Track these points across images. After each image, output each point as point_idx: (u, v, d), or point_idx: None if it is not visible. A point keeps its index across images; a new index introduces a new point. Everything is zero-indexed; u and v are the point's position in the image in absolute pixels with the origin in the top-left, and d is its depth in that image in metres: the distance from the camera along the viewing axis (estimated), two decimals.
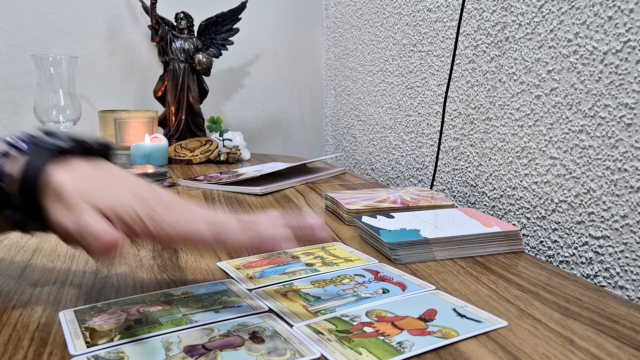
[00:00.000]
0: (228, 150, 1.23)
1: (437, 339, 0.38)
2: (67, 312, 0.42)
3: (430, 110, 1.02)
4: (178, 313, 0.41)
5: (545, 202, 0.72)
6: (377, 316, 0.42)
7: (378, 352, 0.36)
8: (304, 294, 0.46)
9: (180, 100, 1.32)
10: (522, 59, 0.75)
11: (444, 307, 0.43)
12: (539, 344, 0.38)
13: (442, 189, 0.98)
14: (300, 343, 0.37)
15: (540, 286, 0.49)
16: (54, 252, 0.57)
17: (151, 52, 1.45)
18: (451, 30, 0.93)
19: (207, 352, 0.35)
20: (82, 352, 0.36)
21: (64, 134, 0.41)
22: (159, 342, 0.37)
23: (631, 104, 0.59)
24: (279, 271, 0.52)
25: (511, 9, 0.77)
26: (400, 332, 0.39)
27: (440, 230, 0.59)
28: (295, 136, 1.65)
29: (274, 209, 0.79)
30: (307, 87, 1.64)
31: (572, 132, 0.67)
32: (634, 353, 0.36)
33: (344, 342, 0.37)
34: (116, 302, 0.44)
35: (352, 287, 0.48)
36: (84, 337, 0.37)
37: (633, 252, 0.59)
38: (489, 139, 0.83)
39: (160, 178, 0.93)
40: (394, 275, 0.51)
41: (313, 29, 1.61)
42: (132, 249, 0.58)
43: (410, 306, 0.44)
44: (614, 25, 0.60)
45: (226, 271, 0.52)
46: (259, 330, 0.39)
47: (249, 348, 0.36)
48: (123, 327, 0.39)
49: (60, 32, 1.38)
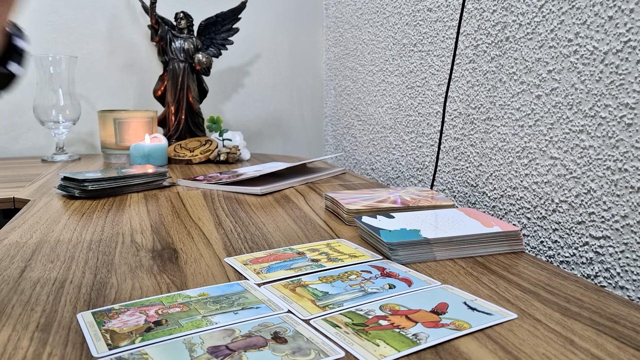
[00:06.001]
0: (228, 150, 1.23)
1: (451, 331, 0.39)
2: (85, 314, 0.42)
3: (430, 110, 1.02)
4: (197, 315, 0.42)
5: (546, 202, 0.72)
6: (390, 310, 0.42)
7: (395, 343, 0.37)
8: (312, 289, 0.47)
9: (180, 100, 1.32)
10: (522, 59, 0.75)
11: (455, 301, 0.44)
12: (540, 344, 0.37)
13: (443, 189, 0.98)
14: (323, 343, 0.37)
15: (541, 286, 0.49)
16: (54, 252, 0.57)
17: (151, 52, 1.45)
18: (451, 30, 0.93)
19: (232, 352, 0.36)
20: (104, 355, 0.35)
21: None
22: (181, 344, 0.37)
23: (632, 104, 0.59)
24: (286, 267, 0.53)
25: (511, 8, 0.77)
26: (414, 324, 0.40)
27: (441, 230, 0.59)
28: (295, 136, 1.65)
29: (274, 205, 0.79)
30: (307, 87, 1.64)
31: (573, 132, 0.67)
32: (634, 353, 0.36)
33: (361, 335, 0.38)
34: (133, 304, 0.44)
35: (359, 283, 0.48)
36: (105, 339, 0.38)
37: (633, 252, 0.59)
38: (490, 139, 0.83)
39: (160, 178, 0.93)
40: (400, 272, 0.51)
41: (313, 29, 1.61)
42: (131, 250, 0.58)
43: (422, 300, 0.44)
44: (614, 25, 0.60)
45: (233, 266, 0.53)
46: (281, 330, 0.39)
47: (273, 348, 0.36)
48: (143, 329, 0.39)
49: (60, 32, 1.38)
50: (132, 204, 0.81)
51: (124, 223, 0.69)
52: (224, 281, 0.49)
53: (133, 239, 0.62)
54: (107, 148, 1.26)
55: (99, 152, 1.43)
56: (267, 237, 0.64)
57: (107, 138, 1.26)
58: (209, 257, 0.56)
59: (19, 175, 1.07)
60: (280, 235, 0.65)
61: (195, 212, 0.76)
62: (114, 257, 0.56)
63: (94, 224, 0.69)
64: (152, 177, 0.92)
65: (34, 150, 1.39)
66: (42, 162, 1.26)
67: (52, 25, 1.37)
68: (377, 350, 0.36)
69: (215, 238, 0.63)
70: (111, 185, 0.86)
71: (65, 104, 1.24)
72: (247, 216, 0.74)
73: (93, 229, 0.66)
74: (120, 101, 1.45)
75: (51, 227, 0.67)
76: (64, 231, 0.65)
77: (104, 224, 0.69)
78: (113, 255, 0.56)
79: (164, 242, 0.62)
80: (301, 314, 0.42)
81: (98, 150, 1.43)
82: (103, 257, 0.56)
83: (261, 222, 0.71)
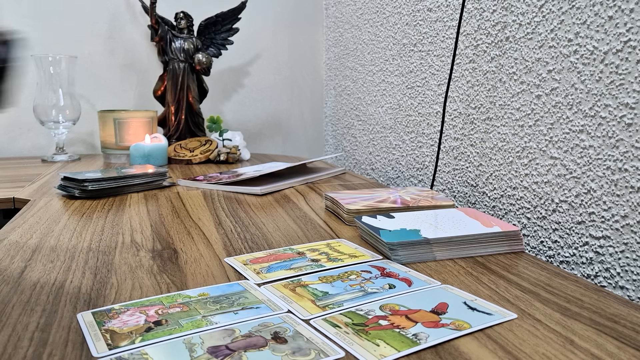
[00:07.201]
0: (228, 150, 1.23)
1: (451, 331, 0.39)
2: (85, 314, 0.42)
3: (430, 110, 1.02)
4: (197, 315, 0.42)
5: (546, 202, 0.72)
6: (390, 310, 0.43)
7: (395, 343, 0.37)
8: (312, 289, 0.47)
9: (180, 100, 1.32)
10: (522, 59, 0.75)
11: (455, 301, 0.44)
12: (540, 344, 0.37)
13: (443, 189, 0.98)
14: (323, 343, 0.37)
15: (541, 286, 0.49)
16: (54, 252, 0.57)
17: (151, 52, 1.45)
18: (451, 30, 0.93)
19: (232, 352, 0.36)
20: (104, 355, 0.35)
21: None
22: (181, 344, 0.37)
23: (632, 104, 0.59)
24: (286, 267, 0.53)
25: (511, 8, 0.77)
26: (414, 324, 0.40)
27: (441, 230, 0.59)
28: (295, 136, 1.65)
29: (274, 206, 0.79)
30: (307, 87, 1.64)
31: (573, 132, 0.67)
32: (634, 353, 0.36)
33: (361, 335, 0.38)
34: (133, 304, 0.44)
35: (359, 283, 0.48)
36: (105, 339, 0.38)
37: (633, 252, 0.59)
38: (490, 138, 0.83)
39: (160, 178, 0.93)
40: (400, 272, 0.51)
41: (313, 29, 1.61)
42: (131, 250, 0.58)
43: (422, 300, 0.44)
44: (614, 25, 0.60)
45: (233, 267, 0.53)
46: (280, 330, 0.39)
47: (273, 348, 0.36)
48: (143, 329, 0.39)
49: (60, 32, 1.38)
50: (132, 204, 0.81)
51: (124, 223, 0.69)
52: (224, 281, 0.49)
53: (133, 239, 0.62)
54: (107, 148, 1.26)
55: (99, 152, 1.43)
56: (267, 237, 0.64)
57: (107, 138, 1.26)
58: (209, 257, 0.56)
59: (19, 175, 1.07)
60: (280, 235, 0.65)
61: (195, 212, 0.76)
62: (114, 257, 0.56)
63: (94, 224, 0.69)
64: (152, 177, 0.92)
65: (34, 150, 1.39)
66: (42, 162, 1.26)
67: (52, 25, 1.37)
68: (377, 350, 0.36)
69: (215, 238, 0.63)
70: (111, 185, 0.86)
71: (65, 104, 1.24)
72: (247, 216, 0.74)
73: (93, 229, 0.66)
74: (120, 101, 1.45)
75: (51, 227, 0.67)
76: (64, 231, 0.65)
77: (104, 224, 0.69)
78: (113, 255, 0.56)
79: (164, 242, 0.62)
80: (301, 314, 0.42)
81: (98, 150, 1.43)
82: (103, 257, 0.56)
83: (261, 222, 0.71)
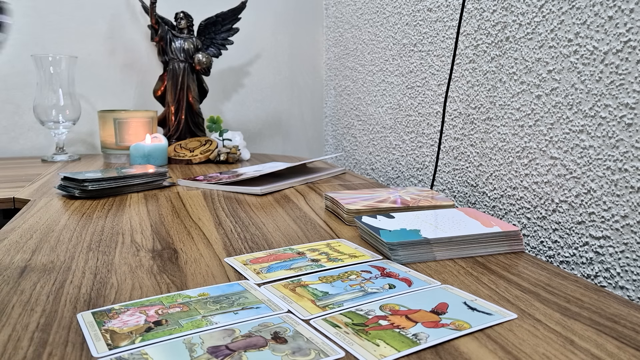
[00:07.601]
0: (228, 150, 1.23)
1: (451, 331, 0.39)
2: (85, 314, 0.42)
3: (430, 110, 1.02)
4: (197, 315, 0.42)
5: (546, 202, 0.72)
6: (390, 310, 0.43)
7: (395, 343, 0.37)
8: (312, 289, 0.47)
9: (180, 100, 1.32)
10: (522, 59, 0.75)
11: (455, 301, 0.44)
12: (540, 344, 0.37)
13: (443, 189, 0.98)
14: (323, 343, 0.37)
15: (541, 286, 0.49)
16: (54, 252, 0.57)
17: (151, 52, 1.45)
18: (451, 30, 0.93)
19: (232, 352, 0.36)
20: (104, 355, 0.35)
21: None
22: (181, 344, 0.37)
23: (632, 104, 0.59)
24: (286, 267, 0.53)
25: (511, 8, 0.77)
26: (414, 324, 0.40)
27: (441, 230, 0.59)
28: (295, 136, 1.65)
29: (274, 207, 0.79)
30: (307, 87, 1.64)
31: (573, 132, 0.67)
32: (634, 353, 0.36)
33: (361, 335, 0.38)
34: (133, 304, 0.44)
35: (359, 283, 0.48)
36: (105, 339, 0.38)
37: (633, 252, 0.59)
38: (490, 138, 0.83)
39: (160, 178, 0.93)
40: (400, 272, 0.51)
41: (313, 29, 1.61)
42: (131, 250, 0.58)
43: (422, 300, 0.44)
44: (614, 25, 0.60)
45: (233, 267, 0.53)
46: (280, 330, 0.39)
47: (273, 348, 0.36)
48: (143, 329, 0.39)
49: (60, 32, 1.38)
50: (132, 204, 0.81)
51: (124, 223, 0.69)
52: (224, 281, 0.49)
53: (133, 239, 0.62)
54: (107, 148, 1.26)
55: (99, 152, 1.43)
56: (267, 237, 0.64)
57: (107, 138, 1.26)
58: (209, 257, 0.56)
59: (19, 175, 1.07)
60: (280, 235, 0.65)
61: (195, 212, 0.76)
62: (114, 257, 0.56)
63: (94, 224, 0.69)
64: (152, 177, 0.92)
65: (34, 150, 1.39)
66: (42, 162, 1.26)
67: (52, 25, 1.37)
68: (377, 350, 0.36)
69: (215, 238, 0.63)
70: (111, 185, 0.86)
71: (65, 104, 1.24)
72: (247, 216, 0.74)
73: (93, 229, 0.66)
74: (120, 101, 1.45)
75: (51, 227, 0.67)
76: (64, 231, 0.65)
77: (104, 224, 0.69)
78: (113, 255, 0.56)
79: (164, 242, 0.62)
80: (301, 314, 0.42)
81: (98, 150, 1.43)
82: (103, 257, 0.56)
83: (261, 222, 0.71)
